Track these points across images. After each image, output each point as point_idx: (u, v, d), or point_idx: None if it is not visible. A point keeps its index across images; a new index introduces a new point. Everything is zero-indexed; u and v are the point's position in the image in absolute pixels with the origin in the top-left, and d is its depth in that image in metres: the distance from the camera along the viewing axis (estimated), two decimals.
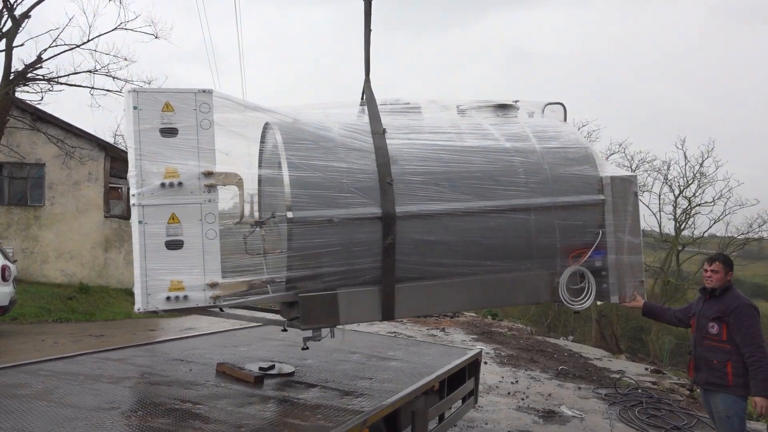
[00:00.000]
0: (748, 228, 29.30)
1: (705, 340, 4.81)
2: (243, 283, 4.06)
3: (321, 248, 4.12)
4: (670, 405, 8.98)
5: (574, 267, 4.67)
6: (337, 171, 4.22)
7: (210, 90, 3.94)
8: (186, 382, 4.46)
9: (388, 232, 4.22)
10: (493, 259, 4.59)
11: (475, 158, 4.58)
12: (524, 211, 4.56)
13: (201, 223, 3.84)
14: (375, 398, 4.33)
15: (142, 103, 3.81)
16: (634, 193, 4.78)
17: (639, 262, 4.77)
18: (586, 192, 4.72)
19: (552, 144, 4.83)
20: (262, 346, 6.19)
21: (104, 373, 4.55)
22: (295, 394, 4.31)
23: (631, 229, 4.72)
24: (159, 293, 3.78)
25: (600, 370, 12.09)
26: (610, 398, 9.34)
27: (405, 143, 4.52)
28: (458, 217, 4.44)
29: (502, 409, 8.34)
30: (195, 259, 3.83)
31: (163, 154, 3.80)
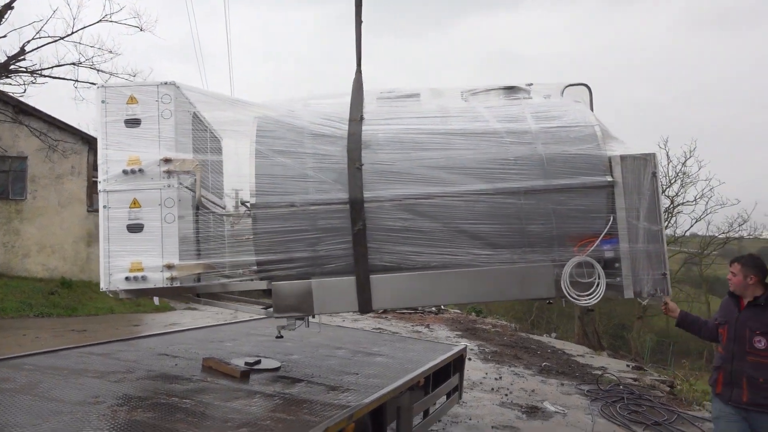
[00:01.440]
0: (728, 227, 29.78)
1: (749, 355, 4.24)
2: (199, 266, 4.23)
3: (287, 234, 4.22)
4: (650, 401, 9.10)
5: (579, 257, 4.19)
6: (302, 157, 4.31)
7: (172, 82, 4.17)
8: (172, 376, 4.45)
9: (357, 218, 4.16)
10: (482, 248, 4.29)
11: (459, 141, 4.36)
12: (513, 194, 4.24)
13: (160, 208, 4.06)
14: (361, 393, 4.35)
15: (108, 97, 4.13)
16: (651, 173, 4.22)
17: (659, 252, 4.20)
18: (589, 173, 4.27)
19: (552, 124, 4.45)
20: (248, 341, 6.19)
21: (89, 368, 4.52)
22: (281, 389, 4.32)
23: (649, 214, 4.20)
24: (119, 273, 4.06)
25: (582, 367, 12.23)
26: (592, 394, 9.46)
27: (382, 129, 4.43)
28: (437, 202, 4.23)
29: (486, 404, 8.41)
30: (154, 241, 4.06)
31: (127, 144, 4.08)
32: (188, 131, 4.36)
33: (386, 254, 4.29)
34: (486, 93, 4.94)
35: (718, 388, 4.47)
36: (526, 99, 4.87)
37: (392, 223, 4.24)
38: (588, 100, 4.91)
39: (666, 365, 19.18)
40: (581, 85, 4.99)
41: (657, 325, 34.16)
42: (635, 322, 30.78)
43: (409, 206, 4.23)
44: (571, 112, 4.56)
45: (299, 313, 4.40)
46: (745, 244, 33.71)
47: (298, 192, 4.24)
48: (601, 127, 4.45)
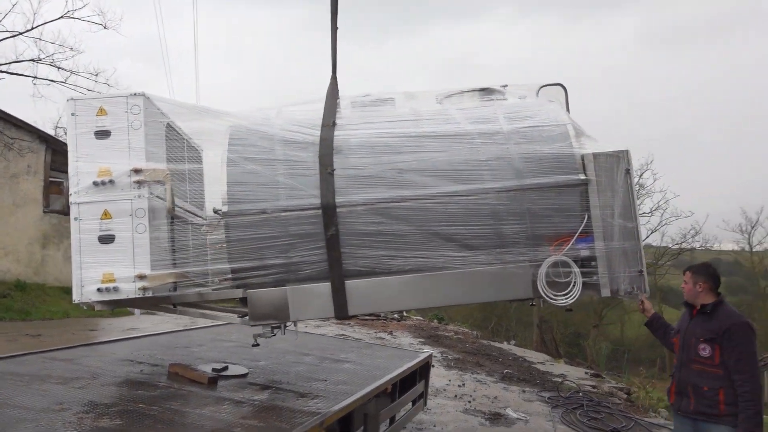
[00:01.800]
0: (682, 238, 30.75)
1: (693, 363, 4.22)
2: (170, 275, 4.24)
3: (259, 241, 4.21)
4: (609, 408, 9.33)
5: (555, 257, 4.14)
6: (273, 164, 4.33)
7: (141, 93, 4.17)
8: (138, 383, 4.37)
9: (329, 223, 4.16)
10: (456, 250, 4.26)
11: (431, 144, 4.35)
12: (486, 195, 4.22)
13: (131, 218, 4.05)
14: (330, 400, 4.34)
15: (78, 110, 4.15)
16: (624, 170, 4.20)
17: (635, 249, 4.17)
18: (561, 172, 4.23)
19: (524, 124, 4.43)
20: (213, 347, 6.11)
21: (52, 374, 4.40)
22: (250, 396, 4.28)
23: (623, 211, 4.16)
24: (91, 285, 4.04)
25: (543, 374, 12.45)
26: (553, 401, 9.64)
27: (354, 133, 4.44)
28: (410, 205, 4.23)
29: (450, 411, 8.48)
30: (125, 252, 4.04)
31: (97, 155, 4.08)
32: (160, 141, 4.33)
33: (360, 259, 4.27)
34: (460, 95, 4.94)
35: (671, 398, 4.50)
36: (501, 100, 4.85)
37: (365, 227, 4.22)
38: (564, 100, 4.89)
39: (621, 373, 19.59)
40: (556, 85, 4.97)
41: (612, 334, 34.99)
42: (591, 331, 31.48)
43: (381, 210, 4.22)
44: (544, 112, 4.54)
45: (275, 320, 4.39)
46: (697, 255, 34.88)
47: (269, 199, 4.24)
48: (574, 126, 4.43)
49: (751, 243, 36.17)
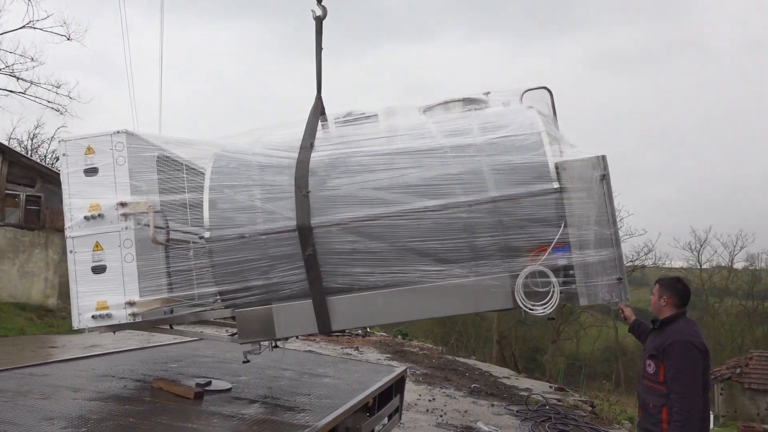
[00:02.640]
0: (635, 256, 31.72)
1: (644, 379, 4.25)
2: (156, 301, 4.40)
3: (242, 264, 4.30)
4: (576, 420, 9.54)
5: (532, 267, 4.05)
6: (251, 189, 4.44)
7: (123, 131, 4.43)
8: (123, 398, 4.32)
9: (306, 244, 4.25)
10: (431, 264, 4.25)
11: (403, 160, 4.35)
12: (458, 209, 4.18)
13: (120, 249, 4.29)
14: (317, 413, 4.37)
15: (68, 150, 4.42)
16: (599, 176, 4.07)
17: (613, 256, 4.03)
18: (534, 181, 4.14)
19: (498, 134, 4.35)
20: (192, 363, 6.05)
21: (33, 389, 4.31)
22: (238, 410, 4.27)
23: (599, 218, 4.05)
24: (87, 312, 4.30)
25: (509, 388, 12.64)
26: (521, 414, 9.82)
27: (330, 154, 4.50)
28: (382, 222, 4.24)
29: (423, 425, 8.55)
30: (116, 281, 4.28)
31: (87, 191, 4.35)
32: (145, 174, 4.51)
33: (339, 276, 4.34)
34: (444, 106, 4.88)
35: (638, 413, 4.46)
36: (481, 110, 4.80)
37: (341, 246, 4.28)
38: (549, 103, 4.79)
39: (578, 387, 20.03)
40: (541, 89, 4.83)
41: (569, 349, 35.69)
42: (550, 346, 32.01)
43: (355, 229, 4.27)
44: (519, 120, 4.42)
45: (262, 337, 4.51)
46: (648, 272, 36.03)
47: (247, 223, 4.35)
48: (550, 133, 4.35)
49: (700, 260, 37.57)
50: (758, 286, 35.94)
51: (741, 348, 31.95)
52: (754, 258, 37.82)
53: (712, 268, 37.82)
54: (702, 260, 37.52)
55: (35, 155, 30.52)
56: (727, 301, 36.24)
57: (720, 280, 36.88)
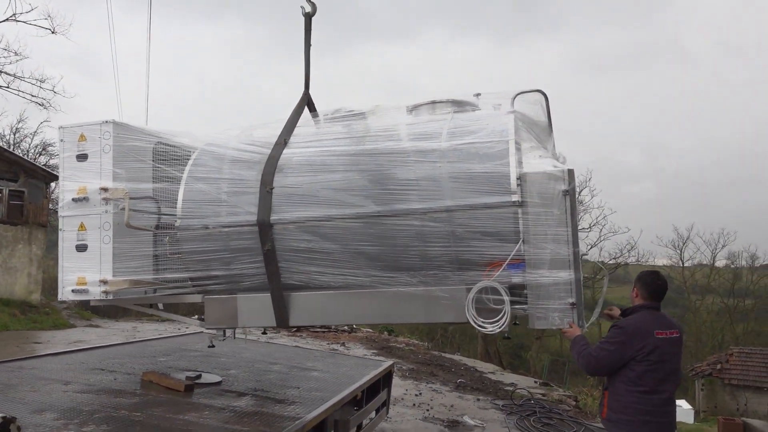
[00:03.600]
0: (618, 253, 32.04)
1: None
2: (126, 282, 4.63)
3: (207, 253, 4.54)
4: (560, 414, 9.67)
5: (485, 282, 3.87)
6: (219, 183, 4.59)
7: (111, 120, 4.64)
8: (115, 390, 4.34)
9: (265, 239, 4.32)
10: (381, 270, 4.18)
11: (365, 162, 4.26)
12: (411, 216, 4.04)
13: (100, 231, 4.55)
14: (306, 406, 4.42)
15: (65, 136, 4.70)
16: (562, 192, 3.77)
17: (568, 280, 3.75)
18: (493, 192, 3.90)
19: (465, 140, 4.10)
20: (181, 357, 6.07)
21: (23, 382, 4.33)
22: (228, 402, 4.31)
23: (557, 237, 3.77)
24: (69, 286, 4.59)
25: (495, 383, 12.75)
26: (507, 408, 9.91)
27: (300, 152, 4.53)
28: (336, 224, 4.21)
29: (410, 419, 8.62)
30: (94, 259, 4.55)
31: (78, 175, 4.61)
32: (128, 162, 4.68)
33: (295, 273, 4.41)
34: (431, 106, 4.68)
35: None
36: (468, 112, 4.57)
37: (297, 244, 4.33)
38: (544, 107, 4.57)
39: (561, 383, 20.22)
40: (535, 92, 4.58)
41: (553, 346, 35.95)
42: (534, 343, 32.23)
43: (311, 228, 4.29)
44: (492, 126, 4.15)
45: (225, 326, 4.72)
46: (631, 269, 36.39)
47: (211, 215, 4.53)
48: (525, 140, 4.10)
49: (682, 258, 38.00)
50: (739, 284, 36.45)
51: (721, 345, 32.41)
52: (736, 256, 38.37)
53: (694, 265, 38.30)
54: (684, 258, 37.98)
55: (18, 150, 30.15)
56: (709, 298, 36.72)
57: (702, 277, 37.34)
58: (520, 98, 4.54)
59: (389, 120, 4.71)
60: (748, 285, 36.31)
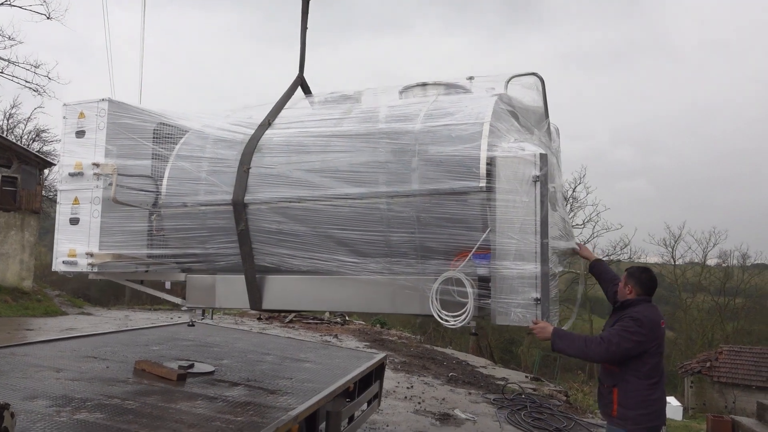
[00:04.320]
0: (611, 250, 32.19)
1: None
2: (109, 255, 4.69)
3: (185, 231, 4.61)
4: (550, 409, 9.71)
5: (450, 273, 3.65)
6: (200, 161, 4.63)
7: (107, 98, 4.73)
8: (107, 378, 4.34)
9: (239, 219, 4.33)
10: (348, 255, 4.05)
11: (339, 144, 4.14)
12: (378, 199, 3.88)
13: (90, 205, 4.63)
14: (299, 396, 4.42)
15: (67, 114, 4.79)
16: (532, 178, 3.51)
17: (533, 273, 3.50)
18: (461, 177, 3.67)
19: (440, 122, 3.91)
20: (174, 346, 6.07)
21: (14, 368, 4.32)
22: (221, 392, 4.31)
23: (524, 227, 3.51)
24: (61, 257, 4.69)
25: (486, 377, 12.81)
26: (498, 402, 9.95)
27: (280, 133, 4.51)
28: (306, 205, 4.12)
29: (401, 412, 8.65)
30: (84, 233, 4.65)
31: (76, 151, 4.70)
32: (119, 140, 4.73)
33: (267, 255, 4.39)
34: (422, 88, 4.49)
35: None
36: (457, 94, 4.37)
37: (269, 225, 4.30)
38: (540, 90, 4.32)
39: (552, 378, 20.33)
40: (530, 75, 4.33)
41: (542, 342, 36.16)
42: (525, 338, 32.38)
43: (281, 209, 4.24)
44: (470, 108, 3.93)
45: (205, 305, 4.77)
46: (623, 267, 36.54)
47: (189, 194, 4.58)
48: (505, 125, 3.84)
49: (674, 256, 38.15)
50: (729, 283, 36.65)
51: (711, 342, 32.65)
52: (727, 255, 38.53)
53: (685, 264, 38.44)
54: (676, 256, 38.13)
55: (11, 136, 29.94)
56: (699, 296, 36.91)
57: (693, 276, 37.51)
58: (515, 82, 4.34)
59: (375, 102, 4.62)
60: (739, 284, 36.52)
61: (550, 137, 4.31)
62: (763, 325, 34.43)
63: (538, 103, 4.35)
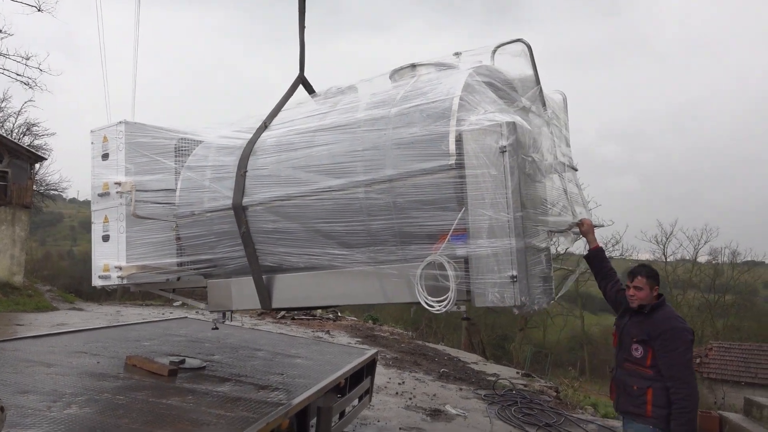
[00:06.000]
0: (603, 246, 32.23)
1: (626, 362, 4.06)
2: (134, 267, 4.94)
3: (196, 238, 4.78)
4: (541, 405, 9.77)
5: (431, 257, 3.52)
6: (204, 170, 4.80)
7: (123, 121, 5.01)
8: (98, 374, 4.34)
9: (240, 222, 4.41)
10: (336, 248, 4.04)
11: (322, 137, 4.12)
12: (355, 188, 3.83)
13: (117, 222, 4.92)
14: (290, 392, 4.44)
15: (93, 139, 5.12)
16: (499, 149, 3.30)
17: (508, 249, 3.28)
18: (431, 157, 3.54)
19: (413, 103, 3.78)
20: (165, 341, 6.07)
21: (5, 363, 4.30)
22: (212, 387, 4.32)
23: (495, 201, 3.31)
24: (98, 273, 4.99)
25: (477, 373, 12.86)
26: (488, 398, 10.01)
27: (274, 134, 4.55)
28: (296, 202, 4.15)
29: (392, 407, 8.69)
30: (114, 248, 4.93)
31: (102, 174, 5.02)
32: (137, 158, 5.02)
33: (269, 255, 4.45)
34: (412, 69, 4.32)
35: (611, 395, 4.33)
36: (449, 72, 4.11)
37: (266, 225, 4.35)
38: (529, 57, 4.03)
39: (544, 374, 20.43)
40: (516, 42, 4.06)
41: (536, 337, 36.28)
42: (517, 334, 32.52)
43: (275, 208, 4.28)
44: (444, 85, 3.77)
45: (223, 308, 4.89)
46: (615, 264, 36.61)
47: (196, 202, 4.75)
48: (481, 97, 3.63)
49: (665, 253, 38.37)
50: (720, 280, 36.92)
51: (701, 339, 32.84)
52: (717, 252, 38.77)
53: (676, 261, 38.69)
54: (667, 253, 38.36)
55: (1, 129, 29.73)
56: (690, 293, 37.16)
57: (684, 272, 37.76)
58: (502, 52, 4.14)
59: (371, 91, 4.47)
60: (729, 281, 36.79)
61: (544, 105, 4.08)
62: (752, 321, 34.71)
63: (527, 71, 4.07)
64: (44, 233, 59.46)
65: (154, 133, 5.09)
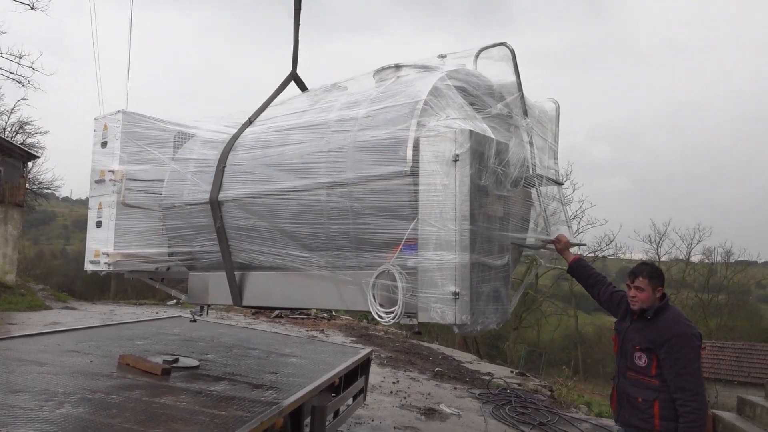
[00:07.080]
0: (597, 246, 32.43)
1: (629, 371, 3.74)
2: (119, 255, 5.00)
3: (178, 230, 4.87)
4: (535, 404, 9.78)
5: (383, 266, 3.41)
6: (188, 163, 4.89)
7: (121, 110, 5.07)
8: (91, 373, 4.32)
9: (215, 217, 4.45)
10: (298, 249, 3.96)
11: (294, 136, 4.08)
12: (317, 190, 3.76)
13: (109, 209, 4.97)
14: (284, 391, 4.43)
15: (96, 127, 5.17)
16: (452, 157, 3.16)
17: (452, 264, 3.12)
18: (388, 162, 3.43)
19: (381, 105, 3.70)
20: (158, 340, 6.04)
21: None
22: (206, 387, 4.30)
23: (445, 212, 3.16)
24: (90, 257, 5.04)
25: (472, 372, 12.87)
26: (483, 397, 10.00)
27: (256, 130, 4.56)
28: (264, 200, 4.11)
29: (387, 406, 8.68)
30: (105, 234, 5.00)
31: (101, 161, 5.05)
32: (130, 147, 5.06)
33: (240, 252, 4.46)
34: (395, 70, 4.22)
35: (612, 405, 4.05)
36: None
37: (238, 222, 4.37)
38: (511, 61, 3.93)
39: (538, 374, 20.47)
40: (499, 46, 4.00)
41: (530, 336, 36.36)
42: (511, 333, 32.56)
43: (245, 205, 4.30)
44: (413, 88, 3.67)
45: (202, 301, 4.98)
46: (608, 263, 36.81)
47: (178, 194, 4.83)
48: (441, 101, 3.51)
49: (658, 253, 38.49)
50: (713, 280, 37.07)
51: None
52: (710, 252, 38.94)
53: (670, 260, 38.82)
54: (660, 253, 38.49)
55: None
56: (683, 293, 37.29)
57: (677, 272, 37.89)
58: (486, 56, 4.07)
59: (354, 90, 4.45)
60: (722, 280, 36.95)
61: (525, 113, 3.93)
62: (745, 321, 34.91)
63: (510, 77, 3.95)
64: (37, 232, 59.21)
65: (151, 124, 5.14)
